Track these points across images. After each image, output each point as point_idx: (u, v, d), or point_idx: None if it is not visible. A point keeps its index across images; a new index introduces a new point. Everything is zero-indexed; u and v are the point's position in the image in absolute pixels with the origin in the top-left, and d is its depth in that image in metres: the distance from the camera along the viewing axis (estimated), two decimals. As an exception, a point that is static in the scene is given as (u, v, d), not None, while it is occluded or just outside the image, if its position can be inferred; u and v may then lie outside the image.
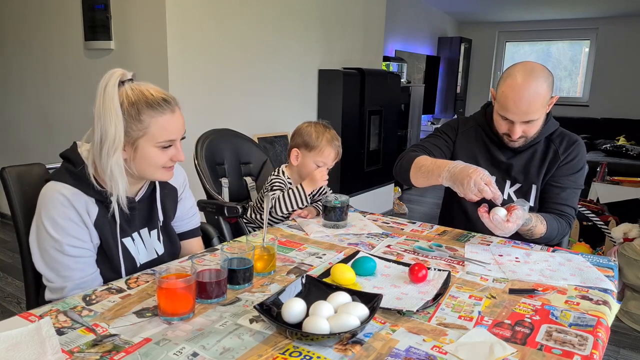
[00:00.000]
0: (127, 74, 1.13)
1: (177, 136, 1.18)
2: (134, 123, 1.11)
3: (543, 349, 0.87)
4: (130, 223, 1.23)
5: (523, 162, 1.60)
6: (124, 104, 1.10)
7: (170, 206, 1.36)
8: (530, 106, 1.42)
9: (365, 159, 4.30)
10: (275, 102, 3.59)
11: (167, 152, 1.17)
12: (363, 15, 4.40)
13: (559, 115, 6.93)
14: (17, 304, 2.64)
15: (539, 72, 1.43)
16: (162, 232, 1.33)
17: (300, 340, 0.87)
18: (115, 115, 1.08)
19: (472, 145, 1.66)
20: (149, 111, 1.11)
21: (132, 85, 1.13)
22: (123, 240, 1.21)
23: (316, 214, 1.74)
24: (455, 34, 7.56)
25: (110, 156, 1.09)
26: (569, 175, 1.56)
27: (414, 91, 5.61)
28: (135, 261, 1.24)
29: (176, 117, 1.16)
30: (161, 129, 1.13)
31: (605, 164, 4.05)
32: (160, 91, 1.16)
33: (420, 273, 1.14)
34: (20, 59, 3.57)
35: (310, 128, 1.76)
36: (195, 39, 2.87)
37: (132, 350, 0.83)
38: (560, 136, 1.61)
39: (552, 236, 1.50)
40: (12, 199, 1.23)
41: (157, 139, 1.14)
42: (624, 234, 2.97)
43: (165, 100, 1.14)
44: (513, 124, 1.48)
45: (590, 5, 6.13)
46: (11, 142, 3.87)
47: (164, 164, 1.18)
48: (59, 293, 1.12)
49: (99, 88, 1.09)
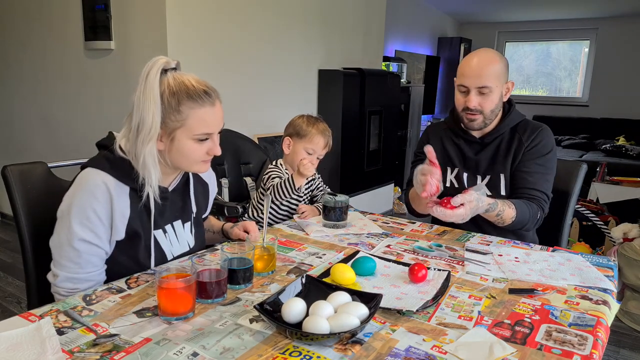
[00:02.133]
0: (171, 63, 1.12)
1: (214, 130, 1.15)
2: (172, 113, 1.09)
3: (543, 348, 0.87)
4: (163, 215, 1.22)
5: (490, 155, 1.64)
6: (165, 93, 1.08)
7: (202, 200, 1.36)
8: (483, 69, 1.51)
9: (365, 159, 4.30)
10: (275, 102, 3.59)
11: (204, 145, 1.15)
12: (363, 16, 4.40)
13: (559, 115, 6.97)
14: (17, 304, 2.64)
15: (493, 51, 1.59)
16: (195, 225, 1.32)
17: (300, 340, 0.87)
18: (154, 104, 1.07)
19: (444, 146, 1.72)
20: (188, 102, 1.10)
21: (174, 75, 1.11)
22: (154, 233, 1.19)
23: (317, 213, 1.74)
24: (455, 34, 7.56)
25: (145, 145, 1.08)
26: (535, 159, 1.59)
27: (413, 91, 5.61)
28: (166, 254, 1.22)
29: (215, 110, 1.14)
30: (199, 121, 1.11)
31: (605, 163, 4.05)
32: (203, 82, 1.14)
33: (420, 273, 1.14)
34: (21, 59, 3.57)
35: (301, 119, 1.84)
36: (195, 39, 2.87)
37: (132, 350, 0.83)
38: (525, 125, 1.65)
39: (524, 219, 1.51)
40: (14, 197, 1.22)
41: (194, 131, 1.12)
42: (624, 234, 2.97)
43: (207, 93, 1.12)
44: (469, 94, 1.54)
45: (590, 6, 6.13)
46: (11, 141, 3.87)
47: (201, 158, 1.17)
48: (52, 278, 1.11)
49: (141, 75, 1.08)
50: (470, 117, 1.58)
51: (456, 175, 1.68)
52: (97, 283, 1.13)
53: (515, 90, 7.65)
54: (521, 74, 7.67)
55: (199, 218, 1.36)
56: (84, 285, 1.10)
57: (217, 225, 1.47)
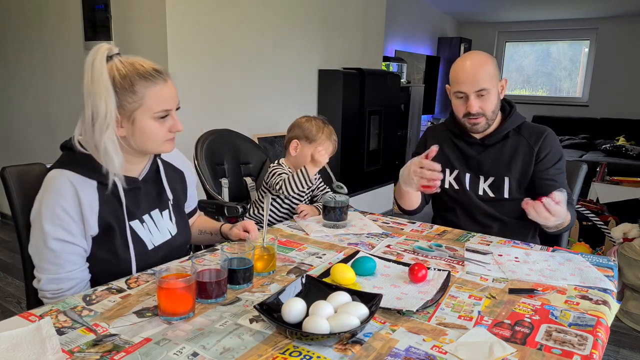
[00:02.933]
0: (114, 49, 1.12)
1: (172, 106, 1.16)
2: (128, 95, 1.09)
3: (543, 348, 0.87)
4: (139, 205, 1.22)
5: (493, 157, 1.64)
6: (116, 78, 1.08)
7: (179, 188, 1.36)
8: (477, 73, 1.52)
9: (365, 159, 4.30)
10: (275, 102, 3.59)
11: (165, 123, 1.16)
12: (363, 15, 4.40)
13: (559, 115, 6.97)
14: (17, 304, 2.64)
15: (481, 52, 1.61)
16: (175, 213, 1.32)
17: (300, 340, 0.87)
18: (106, 91, 1.07)
19: (442, 148, 1.70)
20: (142, 82, 1.10)
21: (120, 59, 1.11)
22: (131, 224, 1.19)
23: (317, 213, 1.74)
24: (455, 34, 7.56)
25: (103, 132, 1.08)
26: (553, 166, 1.60)
27: (413, 91, 5.62)
28: (146, 244, 1.22)
29: (169, 87, 1.15)
30: (156, 98, 1.12)
31: (605, 164, 4.06)
32: (150, 63, 1.14)
33: (420, 273, 1.14)
34: (21, 59, 3.57)
35: (310, 122, 1.83)
36: (195, 39, 2.87)
37: (132, 350, 0.83)
38: (528, 129, 1.64)
39: (573, 221, 1.53)
40: (13, 198, 1.23)
41: (153, 109, 1.12)
42: (624, 234, 2.97)
43: (157, 71, 1.13)
44: (468, 99, 1.54)
45: (590, 5, 6.13)
46: (11, 142, 3.87)
47: (165, 137, 1.17)
48: (36, 283, 1.12)
49: (86, 65, 1.08)
50: (474, 121, 1.58)
51: (456, 177, 1.68)
52: (81, 281, 1.13)
53: (515, 90, 7.66)
54: (521, 74, 7.67)
55: (180, 206, 1.35)
56: (67, 285, 1.10)
57: (215, 226, 1.46)
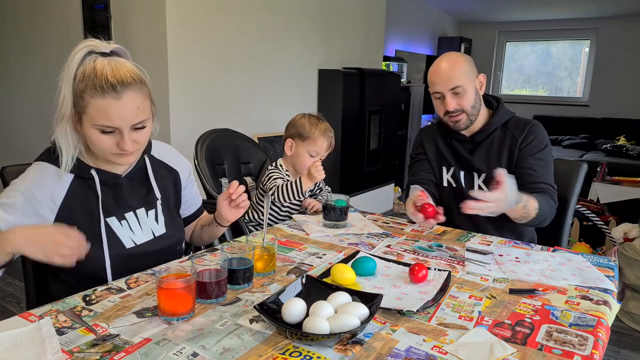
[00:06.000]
0: (101, 47, 1.10)
1: (118, 124, 1.07)
2: (77, 98, 1.08)
3: (543, 349, 0.87)
4: (119, 202, 1.20)
5: (483, 153, 1.65)
6: (78, 76, 1.07)
7: (170, 188, 1.33)
8: (450, 72, 1.55)
9: (365, 159, 4.30)
10: (276, 102, 3.59)
11: (111, 138, 1.10)
12: (363, 15, 4.40)
13: (559, 115, 6.96)
14: (17, 304, 2.64)
15: (454, 52, 1.64)
16: (164, 213, 1.29)
17: (300, 340, 0.87)
18: (67, 85, 1.07)
19: (438, 147, 1.74)
20: (91, 91, 1.06)
21: (98, 60, 1.08)
22: (107, 220, 1.17)
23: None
24: (455, 34, 7.55)
25: (58, 124, 1.09)
26: (534, 155, 1.60)
27: (414, 91, 5.61)
28: (123, 242, 1.19)
29: (120, 105, 1.06)
30: (98, 111, 1.06)
31: (605, 163, 4.05)
32: (118, 74, 1.07)
33: (421, 273, 1.14)
34: (21, 59, 3.57)
35: (304, 119, 1.81)
36: (195, 39, 2.87)
37: (132, 350, 0.83)
38: (515, 122, 1.66)
39: (544, 211, 1.50)
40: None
41: (94, 120, 1.07)
42: (624, 234, 2.97)
43: (113, 86, 1.05)
44: (445, 98, 1.57)
45: (590, 5, 6.13)
46: (11, 141, 3.87)
47: (112, 150, 1.11)
48: None
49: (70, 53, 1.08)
50: (454, 119, 1.60)
51: (452, 174, 1.69)
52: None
53: (515, 90, 7.66)
54: (521, 73, 7.67)
55: (169, 205, 1.32)
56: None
57: (211, 216, 1.42)
